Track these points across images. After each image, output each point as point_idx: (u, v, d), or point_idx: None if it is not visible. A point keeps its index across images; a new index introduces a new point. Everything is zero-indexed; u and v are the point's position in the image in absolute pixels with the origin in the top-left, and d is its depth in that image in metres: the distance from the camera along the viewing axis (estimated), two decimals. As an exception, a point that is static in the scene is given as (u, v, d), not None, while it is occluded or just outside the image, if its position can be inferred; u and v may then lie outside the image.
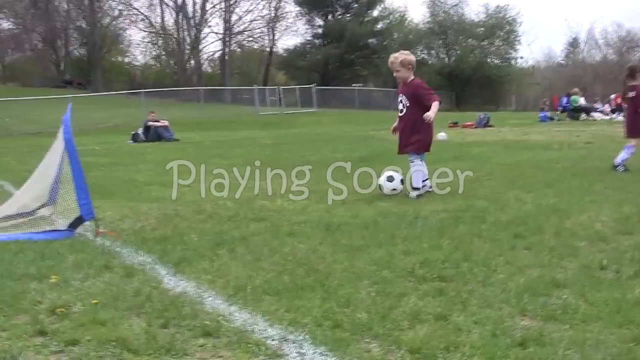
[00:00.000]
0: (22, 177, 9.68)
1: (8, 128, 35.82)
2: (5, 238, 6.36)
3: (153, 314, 4.03)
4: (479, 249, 5.54)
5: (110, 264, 5.31)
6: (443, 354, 3.35)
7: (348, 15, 77.64)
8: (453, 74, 71.04)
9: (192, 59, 78.52)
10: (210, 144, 22.79)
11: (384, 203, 8.13)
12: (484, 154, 15.16)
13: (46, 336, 3.71)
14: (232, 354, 3.42)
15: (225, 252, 5.65)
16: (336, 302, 4.13)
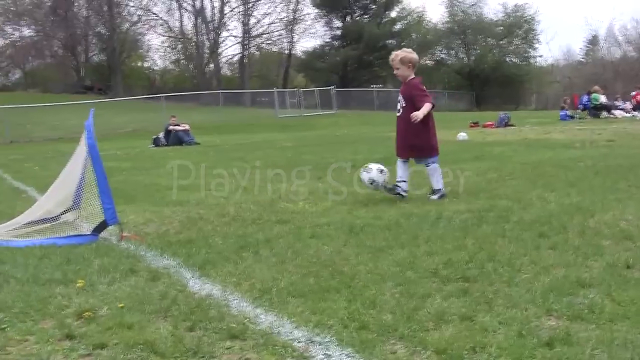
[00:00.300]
0: (45, 182, 9.75)
1: (30, 134, 36.09)
2: (29, 243, 6.41)
3: (179, 317, 4.04)
4: (503, 249, 5.51)
5: (136, 267, 5.33)
6: (469, 355, 3.34)
7: (366, 17, 77.62)
8: (472, 74, 70.89)
9: (211, 63, 78.72)
10: (231, 147, 22.84)
11: (405, 204, 8.11)
12: (506, 153, 15.09)
13: (74, 340, 3.73)
14: (259, 356, 3.43)
15: (250, 254, 5.66)
16: (361, 304, 4.13)
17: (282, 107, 50.04)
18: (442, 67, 75.39)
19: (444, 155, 14.59)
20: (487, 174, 10.84)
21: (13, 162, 19.24)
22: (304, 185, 10.35)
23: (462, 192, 8.94)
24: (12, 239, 6.68)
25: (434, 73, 75.66)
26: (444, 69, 74.80)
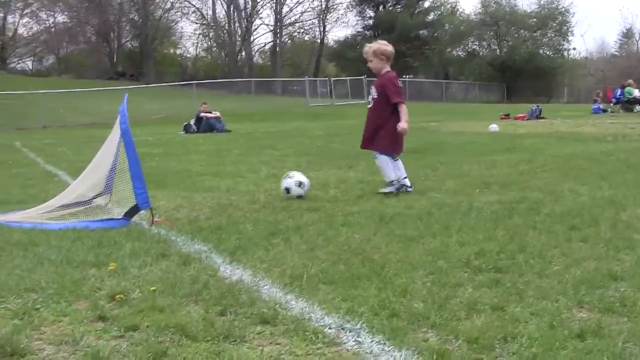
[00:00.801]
0: (78, 167, 9.85)
1: (63, 119, 36.36)
2: (63, 226, 6.47)
3: (210, 301, 4.06)
4: (534, 241, 5.50)
5: (167, 252, 5.37)
6: (501, 345, 3.33)
7: (399, 7, 77.28)
8: (505, 66, 70.35)
9: (243, 51, 78.81)
10: (262, 135, 22.90)
11: (437, 194, 8.10)
12: (537, 145, 15.02)
13: (107, 321, 3.76)
14: (290, 342, 3.44)
15: (280, 241, 5.68)
16: (392, 292, 4.13)
17: (313, 96, 50.04)
18: (474, 58, 74.87)
19: (477, 147, 14.61)
20: (519, 166, 10.80)
21: (47, 146, 19.41)
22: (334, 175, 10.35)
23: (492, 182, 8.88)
24: (46, 221, 6.74)
25: (465, 64, 75.29)
26: (476, 60, 74.26)
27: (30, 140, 23.05)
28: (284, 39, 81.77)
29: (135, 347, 3.37)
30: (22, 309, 3.97)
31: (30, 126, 33.77)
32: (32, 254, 5.36)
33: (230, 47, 77.86)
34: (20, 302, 4.10)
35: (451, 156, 12.68)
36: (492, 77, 71.88)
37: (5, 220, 6.80)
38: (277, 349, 3.35)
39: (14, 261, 5.12)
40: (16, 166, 13.23)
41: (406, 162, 11.62)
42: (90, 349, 3.31)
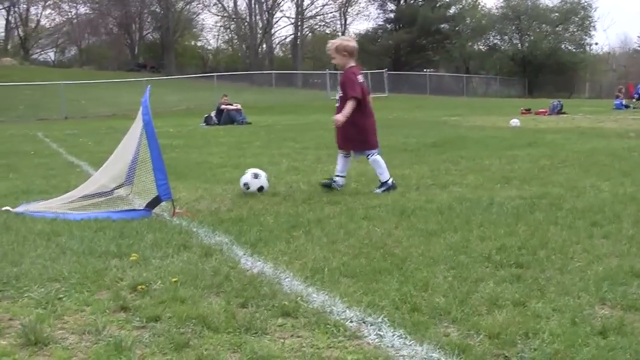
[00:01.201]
0: (99, 158, 9.90)
1: (84, 110, 36.52)
2: (85, 216, 6.50)
3: (232, 293, 4.07)
4: (555, 236, 5.47)
5: (188, 243, 5.39)
6: (522, 340, 3.31)
7: (420, 0, 77.04)
8: (526, 60, 70.07)
9: (264, 43, 78.80)
10: (282, 127, 22.91)
11: (458, 189, 8.08)
12: (558, 141, 14.94)
13: (128, 312, 3.78)
14: (311, 335, 3.44)
15: (301, 234, 5.69)
16: (413, 286, 4.12)
17: (333, 89, 49.88)
18: (495, 52, 74.57)
19: (498, 141, 14.55)
20: (540, 161, 10.75)
21: (68, 137, 19.51)
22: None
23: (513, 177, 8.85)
24: (68, 211, 6.77)
25: (486, 58, 75.04)
26: (497, 54, 73.97)
27: (52, 131, 23.18)
28: (305, 32, 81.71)
29: (157, 337, 3.38)
30: (45, 298, 4.00)
31: (52, 117, 33.98)
32: (54, 243, 5.39)
33: (251, 40, 77.86)
34: (43, 291, 4.13)
35: (472, 150, 12.63)
36: (513, 71, 71.61)
37: (29, 210, 6.85)
38: (298, 342, 3.36)
39: (37, 251, 5.15)
40: (38, 156, 13.31)
41: (427, 156, 11.68)
42: (113, 339, 3.33)
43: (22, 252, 5.10)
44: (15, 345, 3.32)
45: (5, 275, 4.46)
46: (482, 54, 76.64)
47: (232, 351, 3.24)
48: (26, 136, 20.39)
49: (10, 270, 4.58)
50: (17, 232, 5.80)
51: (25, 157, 13.21)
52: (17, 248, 5.24)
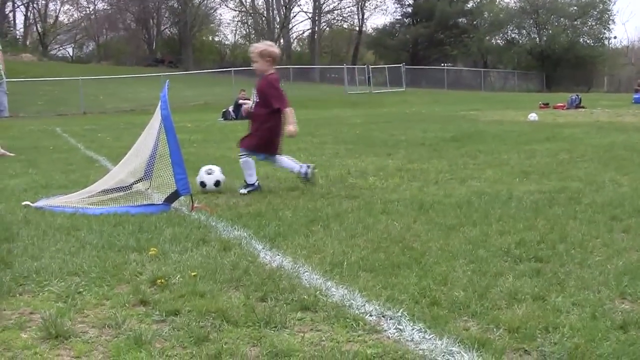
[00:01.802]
0: (118, 153, 9.93)
1: (103, 105, 36.64)
2: (104, 211, 6.52)
3: (251, 287, 4.08)
4: (574, 231, 5.45)
5: (207, 237, 5.40)
6: (542, 334, 3.30)
7: (438, -5, 76.87)
8: (544, 54, 69.64)
9: (282, 38, 78.80)
10: (300, 122, 22.76)
11: (476, 183, 8.06)
12: (577, 135, 14.89)
13: (148, 306, 3.79)
14: (331, 328, 3.44)
15: (320, 228, 5.69)
16: (433, 280, 4.12)
17: (351, 84, 49.99)
18: (512, 46, 74.18)
19: (516, 136, 14.51)
20: (558, 155, 10.72)
21: (87, 132, 19.59)
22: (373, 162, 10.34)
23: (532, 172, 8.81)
24: (87, 206, 6.80)
25: (504, 53, 74.66)
26: (515, 48, 73.55)
27: (71, 126, 23.27)
28: (323, 27, 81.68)
29: (177, 331, 3.39)
30: (66, 292, 4.02)
31: (70, 112, 34.10)
32: (74, 238, 5.42)
33: (269, 35, 77.78)
34: (63, 285, 4.16)
35: (490, 145, 12.60)
36: (531, 66, 71.19)
37: (48, 204, 6.88)
38: (317, 336, 3.36)
39: (56, 245, 5.17)
40: (57, 152, 13.36)
41: (445, 150, 11.66)
42: (133, 333, 3.34)
43: (42, 247, 5.13)
44: (37, 338, 3.34)
45: (26, 269, 4.48)
46: (499, 48, 76.24)
47: (252, 345, 3.25)
48: (45, 131, 20.48)
49: (31, 264, 4.60)
50: (37, 227, 5.82)
51: (45, 152, 13.28)
52: (37, 242, 5.26)
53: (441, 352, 3.12)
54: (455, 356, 3.08)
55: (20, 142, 15.81)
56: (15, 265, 4.60)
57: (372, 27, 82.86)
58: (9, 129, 19.89)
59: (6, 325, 3.53)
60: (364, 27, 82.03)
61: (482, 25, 74.53)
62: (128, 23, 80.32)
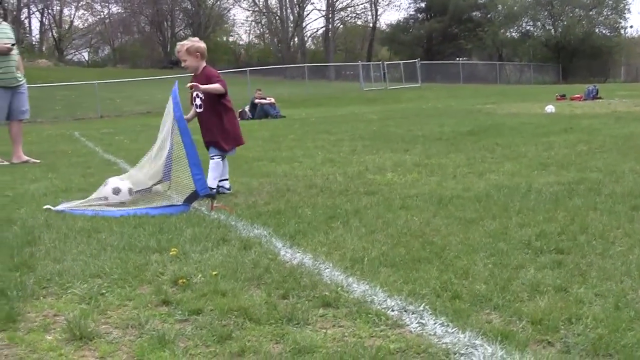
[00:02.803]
0: (135, 155, 9.98)
1: (119, 109, 36.77)
2: (124, 213, 6.55)
3: (272, 285, 4.08)
4: (595, 222, 5.43)
5: (227, 237, 5.41)
6: (565, 326, 3.29)
7: (451, -12, 76.69)
8: (559, 46, 69.34)
9: (296, 37, 78.90)
10: (316, 120, 22.90)
11: (495, 176, 8.04)
12: (594, 126, 14.82)
13: (170, 305, 3.80)
14: (353, 324, 3.44)
15: (339, 225, 5.68)
16: (454, 274, 4.11)
17: (366, 80, 49.96)
18: (528, 39, 73.87)
19: (533, 128, 14.45)
20: (577, 147, 10.68)
21: (104, 136, 19.66)
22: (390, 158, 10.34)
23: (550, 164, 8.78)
24: (107, 208, 6.83)
25: (519, 45, 74.38)
26: (530, 41, 73.26)
27: (88, 129, 23.37)
28: (336, 24, 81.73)
29: (200, 330, 3.40)
30: (89, 293, 4.04)
31: (87, 116, 34.24)
32: (95, 240, 5.44)
33: (283, 33, 77.99)
34: (86, 287, 4.17)
35: (508, 138, 12.56)
36: (547, 57, 70.90)
37: (69, 207, 6.92)
38: (340, 332, 3.36)
39: (78, 247, 5.20)
40: (76, 155, 13.42)
41: (463, 144, 11.65)
42: (156, 333, 3.36)
43: (64, 250, 5.16)
44: (61, 340, 3.36)
45: (49, 272, 4.51)
46: (514, 41, 75.93)
47: (275, 342, 3.25)
48: (63, 136, 20.58)
49: (53, 267, 4.63)
50: (58, 230, 5.85)
51: (63, 156, 13.33)
52: (59, 245, 5.29)
53: (464, 346, 3.12)
54: (478, 349, 3.07)
55: (39, 146, 15.90)
56: (38, 268, 4.63)
57: (386, 23, 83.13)
58: (28, 134, 19.94)
59: (31, 327, 3.55)
60: (377, 23, 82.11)
61: (497, 18, 74.27)
62: (142, 26, 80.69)
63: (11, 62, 11.83)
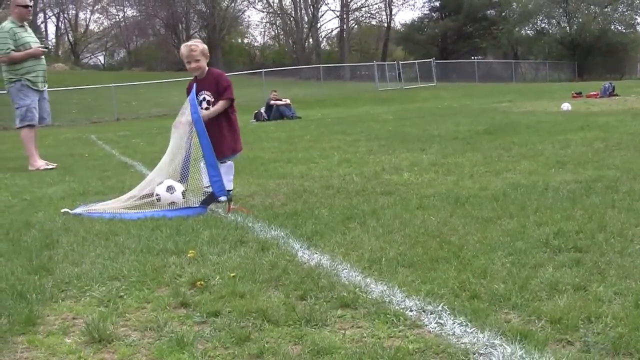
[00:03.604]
0: (152, 157, 10.02)
1: (135, 111, 36.89)
2: (141, 215, 6.57)
3: (290, 286, 4.08)
4: (613, 219, 5.39)
5: (244, 238, 5.41)
6: (585, 325, 3.27)
7: (465, -13, 76.54)
8: (575, 43, 69.05)
9: (310, 38, 78.94)
10: (332, 120, 22.90)
11: (512, 175, 8.02)
12: (611, 123, 14.74)
13: (189, 308, 3.81)
14: (372, 325, 3.44)
15: (357, 225, 5.68)
16: (472, 273, 4.10)
17: (381, 80, 49.92)
18: (543, 37, 73.62)
19: (550, 126, 14.40)
20: (594, 144, 10.62)
21: (121, 139, 19.72)
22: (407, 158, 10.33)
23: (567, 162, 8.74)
24: (125, 211, 6.85)
25: (534, 43, 74.18)
26: (545, 38, 73.00)
27: (105, 132, 23.45)
28: (351, 24, 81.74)
29: (219, 332, 3.41)
30: (107, 296, 4.06)
31: (104, 119, 34.38)
32: (113, 243, 5.46)
33: (298, 35, 78.04)
34: (104, 290, 4.19)
35: (524, 136, 12.52)
36: (562, 55, 70.65)
37: (87, 211, 6.94)
38: (359, 332, 3.36)
39: (96, 250, 5.22)
40: (93, 158, 13.47)
41: (479, 143, 11.62)
42: (175, 335, 3.36)
43: (82, 252, 5.18)
44: (80, 343, 3.37)
45: (67, 275, 4.53)
46: (529, 39, 75.72)
47: (294, 343, 3.25)
48: (80, 139, 20.65)
49: (72, 270, 4.65)
50: (76, 233, 5.88)
51: (80, 159, 13.39)
52: (77, 248, 5.31)
53: (483, 345, 3.11)
54: (497, 349, 3.06)
55: (56, 150, 15.97)
56: (57, 271, 4.65)
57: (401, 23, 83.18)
58: (45, 138, 20.07)
59: (50, 330, 3.57)
60: (392, 23, 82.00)
61: (511, 16, 74.06)
62: (157, 29, 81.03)
63: (41, 65, 11.93)
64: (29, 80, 11.67)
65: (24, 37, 11.68)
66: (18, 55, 11.52)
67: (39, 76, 11.86)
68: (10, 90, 11.77)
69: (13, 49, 11.46)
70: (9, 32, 11.48)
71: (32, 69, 11.70)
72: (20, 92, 11.67)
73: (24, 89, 11.67)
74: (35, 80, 11.77)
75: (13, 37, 11.49)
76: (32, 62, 11.70)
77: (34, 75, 11.74)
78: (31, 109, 11.77)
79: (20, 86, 11.65)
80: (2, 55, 11.51)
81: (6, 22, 11.82)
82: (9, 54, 11.47)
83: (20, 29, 11.69)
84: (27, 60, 11.63)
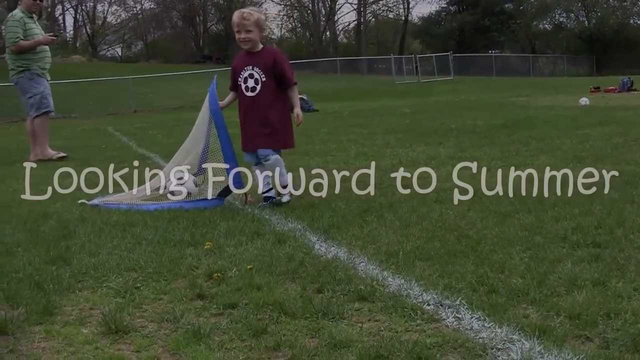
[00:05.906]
0: (169, 149, 10.01)
1: (152, 103, 36.95)
2: (158, 207, 6.58)
3: (307, 278, 4.08)
4: (632, 215, 5.36)
5: (261, 230, 5.41)
6: (604, 320, 3.25)
7: (484, -19, 76.18)
8: (593, 37, 68.60)
9: (328, 30, 78.89)
10: (349, 113, 22.85)
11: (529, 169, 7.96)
12: (630, 118, 14.65)
13: (205, 299, 3.81)
14: (389, 318, 3.43)
15: (374, 218, 5.67)
16: (490, 268, 4.08)
17: (399, 73, 49.81)
18: (561, 31, 73.21)
19: (568, 121, 14.33)
20: (612, 139, 10.56)
21: (138, 130, 19.74)
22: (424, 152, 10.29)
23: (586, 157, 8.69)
24: (142, 202, 6.86)
25: (552, 37, 73.78)
26: (563, 33, 72.58)
27: (122, 124, 23.48)
28: (368, 18, 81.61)
29: (235, 324, 3.40)
30: (124, 287, 4.07)
31: (121, 111, 34.43)
32: (130, 234, 5.47)
33: (315, 27, 78.02)
34: (121, 281, 4.20)
35: (542, 131, 12.46)
36: (580, 49, 70.22)
37: (104, 202, 6.96)
38: (376, 326, 3.35)
39: (113, 241, 5.23)
40: (110, 150, 13.50)
41: (496, 137, 11.58)
42: (191, 326, 3.36)
43: (99, 243, 5.19)
44: (97, 333, 3.38)
45: (84, 265, 4.54)
46: (547, 33, 75.32)
47: (310, 336, 3.24)
48: (97, 131, 20.69)
49: (89, 261, 4.66)
50: (93, 224, 5.89)
51: (97, 151, 13.41)
52: (94, 239, 5.33)
53: (501, 340, 3.09)
54: (515, 344, 3.04)
55: (73, 141, 16.01)
56: (74, 262, 4.66)
57: (418, 16, 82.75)
58: (62, 129, 20.17)
59: (67, 320, 3.58)
60: (409, 16, 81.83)
61: (529, 10, 73.59)
62: (175, 21, 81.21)
63: (48, 56, 11.96)
64: (39, 68, 11.69)
65: (33, 29, 11.68)
66: (27, 44, 11.53)
67: (47, 64, 11.88)
68: (19, 81, 11.74)
69: (22, 39, 11.47)
70: (19, 22, 11.49)
71: (41, 58, 11.71)
72: (31, 80, 11.66)
73: (34, 77, 11.67)
74: (44, 68, 11.79)
75: (23, 26, 11.50)
76: (40, 51, 11.71)
77: (43, 64, 11.76)
78: (45, 95, 11.78)
79: (30, 75, 11.64)
80: (12, 45, 11.52)
81: (17, 10, 11.85)
82: (17, 43, 11.47)
83: (29, 19, 11.70)
84: (35, 49, 11.63)
